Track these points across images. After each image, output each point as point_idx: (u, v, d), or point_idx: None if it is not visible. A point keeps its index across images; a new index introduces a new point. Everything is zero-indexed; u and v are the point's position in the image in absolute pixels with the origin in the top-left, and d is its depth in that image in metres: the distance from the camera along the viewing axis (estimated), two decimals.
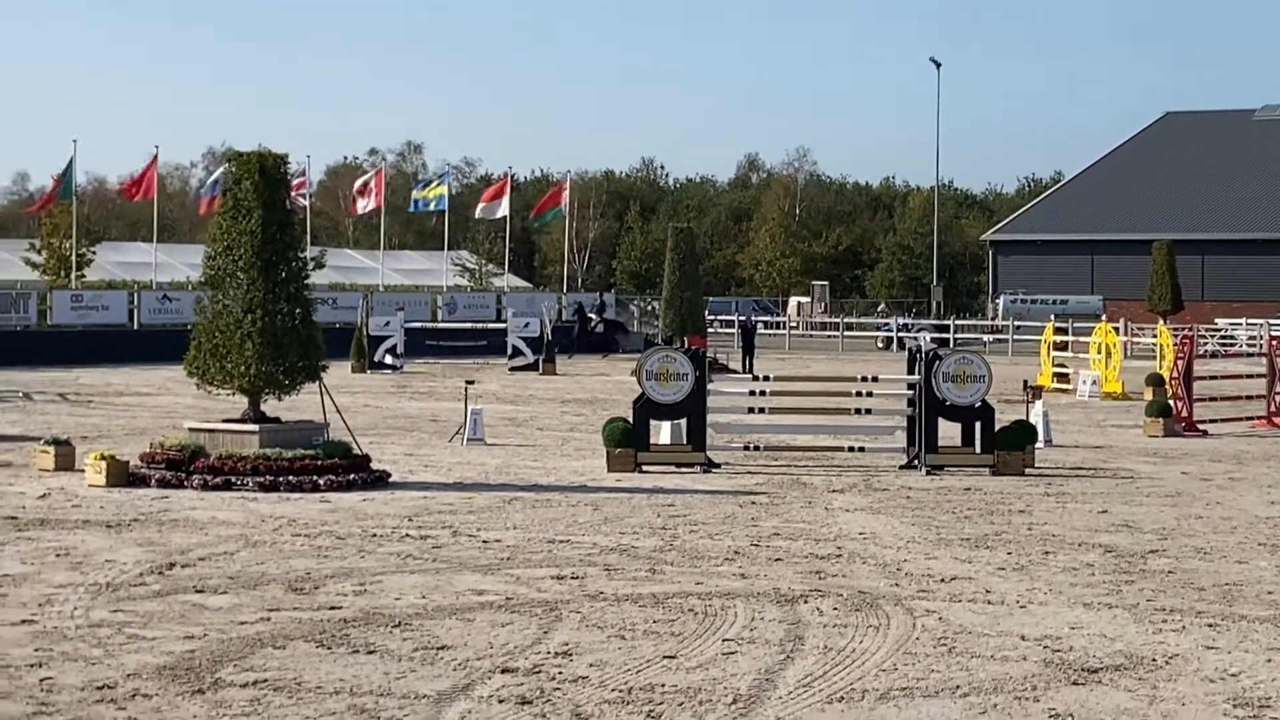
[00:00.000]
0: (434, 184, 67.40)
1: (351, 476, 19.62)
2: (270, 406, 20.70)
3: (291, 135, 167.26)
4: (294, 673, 10.32)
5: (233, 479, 19.21)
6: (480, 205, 66.78)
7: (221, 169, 58.37)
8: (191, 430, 20.56)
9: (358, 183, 65.18)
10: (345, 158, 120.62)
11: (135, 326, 51.98)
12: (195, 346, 20.44)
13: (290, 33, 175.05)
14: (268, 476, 19.23)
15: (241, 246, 20.12)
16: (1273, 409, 30.55)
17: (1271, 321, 65.79)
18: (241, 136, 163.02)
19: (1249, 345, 60.68)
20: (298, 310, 20.38)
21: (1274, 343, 32.62)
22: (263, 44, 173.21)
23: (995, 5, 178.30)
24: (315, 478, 19.35)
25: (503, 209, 64.78)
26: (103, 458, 19.54)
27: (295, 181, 46.01)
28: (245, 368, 20.01)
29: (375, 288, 64.25)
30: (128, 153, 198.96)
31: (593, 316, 59.12)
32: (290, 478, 19.27)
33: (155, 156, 56.69)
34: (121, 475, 19.44)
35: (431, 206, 66.69)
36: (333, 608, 12.35)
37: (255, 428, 20.11)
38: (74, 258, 58.87)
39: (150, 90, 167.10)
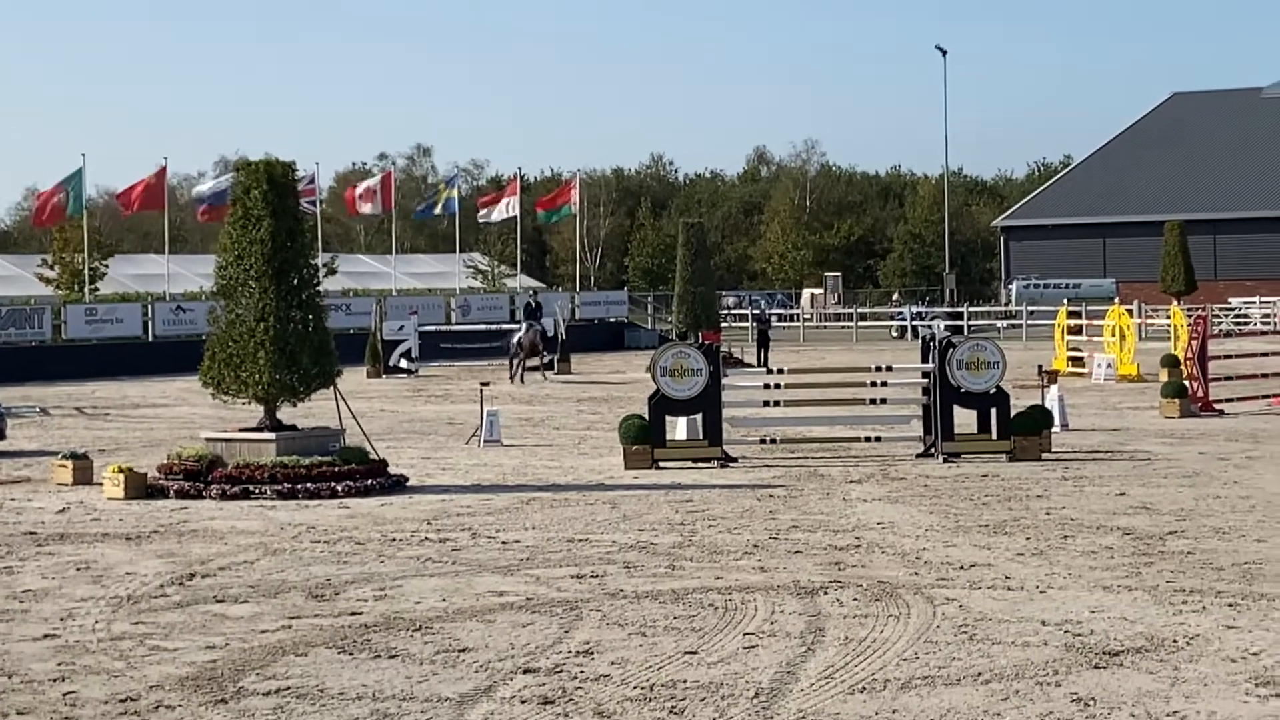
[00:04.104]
0: (441, 187, 67.35)
1: (369, 481, 19.64)
2: (286, 414, 20.73)
3: (301, 142, 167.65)
4: (316, 680, 10.34)
5: (251, 488, 19.25)
6: (481, 211, 66.71)
7: (213, 181, 58.48)
8: (208, 440, 20.59)
9: (361, 186, 65.10)
10: (354, 163, 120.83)
11: (150, 338, 52.04)
12: (209, 356, 20.47)
13: (298, 40, 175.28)
14: (285, 484, 19.26)
15: (252, 255, 20.15)
16: None
17: None
18: (252, 145, 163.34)
19: (1263, 323, 60.57)
20: (310, 317, 20.40)
21: None
22: (271, 52, 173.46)
23: None
24: (333, 484, 19.37)
25: (510, 210, 64.74)
26: (121, 470, 19.58)
27: (304, 188, 46.32)
28: (259, 376, 20.04)
29: (388, 292, 64.29)
30: (138, 165, 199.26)
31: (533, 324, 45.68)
32: (308, 485, 19.30)
33: (163, 168, 56.64)
34: (140, 487, 19.48)
35: (438, 210, 66.68)
36: (353, 613, 12.38)
37: (272, 436, 20.15)
38: (86, 271, 58.96)
39: (159, 101, 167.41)
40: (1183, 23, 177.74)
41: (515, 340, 43.42)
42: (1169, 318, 47.97)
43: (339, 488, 19.32)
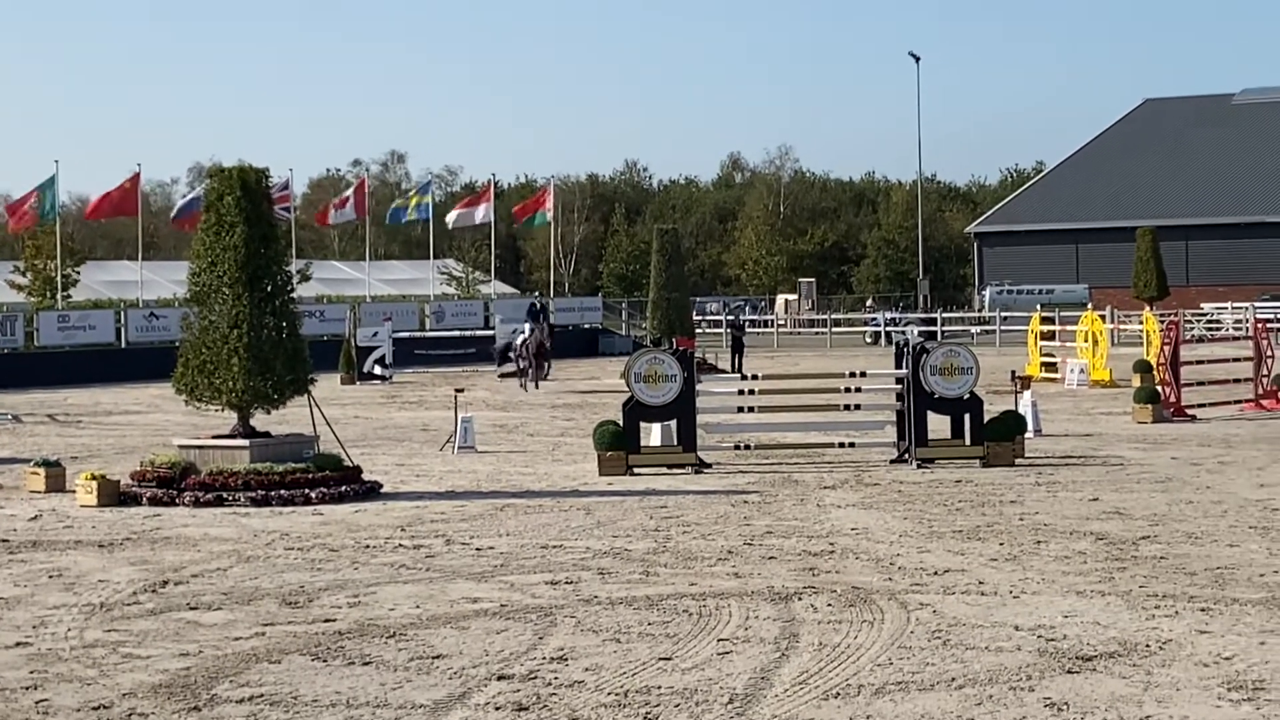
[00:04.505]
0: (414, 193, 67.22)
1: (343, 488, 19.62)
2: (260, 421, 20.70)
3: (275, 148, 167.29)
4: (290, 687, 10.32)
5: (224, 495, 19.20)
6: (454, 213, 66.50)
7: (187, 193, 58.24)
8: (181, 447, 20.55)
9: (336, 200, 65.04)
10: (329, 169, 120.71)
11: (123, 345, 51.89)
12: (183, 363, 20.43)
13: (273, 46, 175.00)
14: (259, 491, 19.22)
15: (225, 262, 20.11)
16: (1260, 392, 30.61)
17: (1256, 304, 65.99)
18: (226, 151, 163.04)
19: (1235, 329, 60.77)
20: (284, 324, 20.37)
21: (1259, 326, 32.70)
22: (246, 58, 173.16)
23: None
24: (307, 491, 19.34)
25: (484, 215, 64.66)
26: (93, 478, 19.52)
27: (278, 195, 46.19)
28: (233, 383, 20.00)
29: (362, 299, 64.19)
30: (111, 171, 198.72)
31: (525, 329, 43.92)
32: (282, 492, 19.26)
33: (136, 174, 56.48)
34: (113, 495, 19.42)
35: (411, 215, 66.58)
36: (327, 620, 12.36)
37: (245, 443, 20.11)
38: (59, 278, 58.78)
39: (133, 107, 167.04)
40: (1155, 30, 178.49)
41: (520, 343, 42.34)
42: (1141, 323, 48.13)
43: (313, 495, 19.29)
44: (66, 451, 25.29)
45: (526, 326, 43.04)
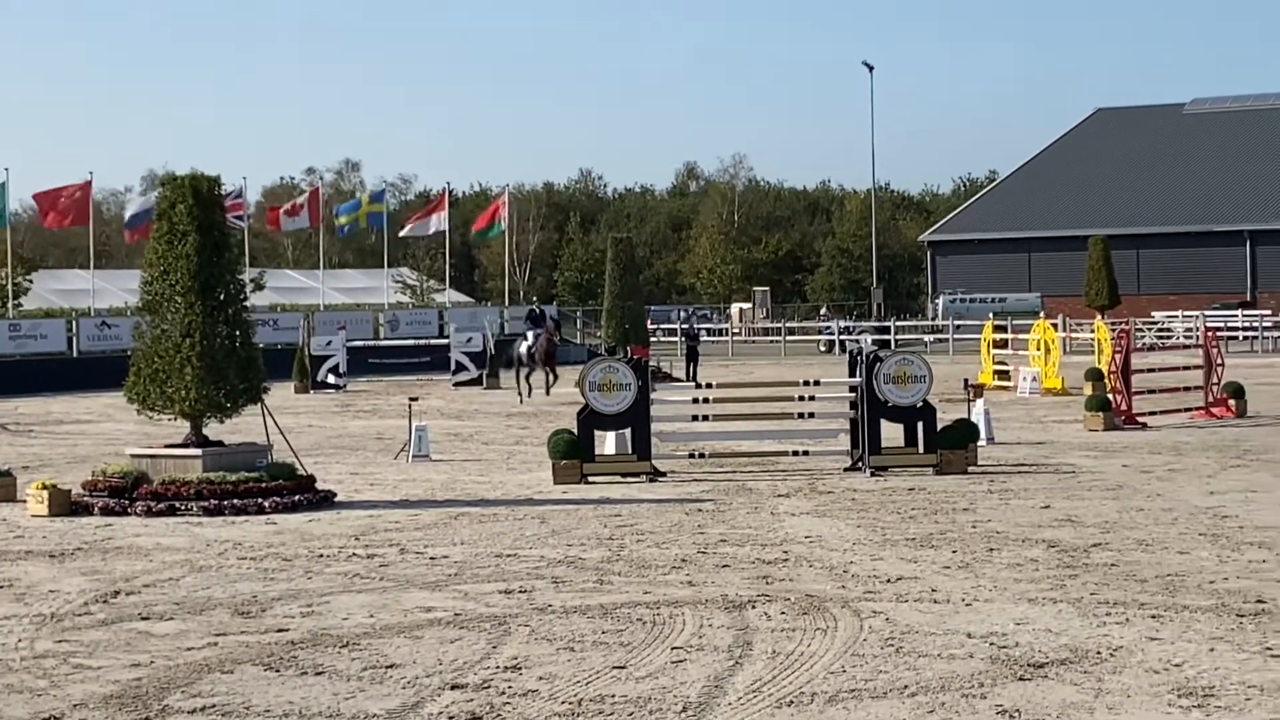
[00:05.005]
0: (365, 204, 67.04)
1: (297, 498, 19.56)
2: (213, 430, 20.62)
3: (228, 156, 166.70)
4: (242, 697, 10.29)
5: (177, 504, 19.12)
6: (411, 224, 66.29)
7: (138, 203, 57.94)
8: (134, 456, 20.45)
9: (286, 205, 64.79)
10: (282, 178, 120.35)
11: (74, 354, 51.60)
12: (135, 372, 20.34)
13: (226, 54, 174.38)
14: (212, 500, 19.15)
15: (178, 271, 20.04)
16: (1210, 400, 30.81)
17: (1207, 313, 66.41)
18: (179, 159, 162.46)
19: (1185, 337, 61.16)
20: (237, 332, 20.30)
21: (1210, 334, 32.91)
22: (199, 66, 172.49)
23: (927, 6, 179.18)
24: (260, 500, 19.27)
25: (437, 224, 64.55)
26: (44, 487, 19.41)
27: (231, 203, 46.01)
28: (185, 392, 19.92)
29: (316, 307, 63.98)
30: (63, 179, 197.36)
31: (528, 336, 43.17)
32: (235, 501, 19.20)
33: (88, 182, 56.19)
34: (64, 504, 19.32)
35: (364, 224, 66.37)
36: (280, 630, 12.32)
37: (198, 452, 20.03)
38: (10, 287, 58.44)
39: (85, 115, 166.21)
40: (1107, 39, 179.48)
41: (525, 350, 40.98)
42: (1093, 332, 48.39)
43: (266, 504, 19.23)
44: (18, 461, 25.13)
45: (530, 333, 41.75)
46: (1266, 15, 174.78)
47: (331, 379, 46.46)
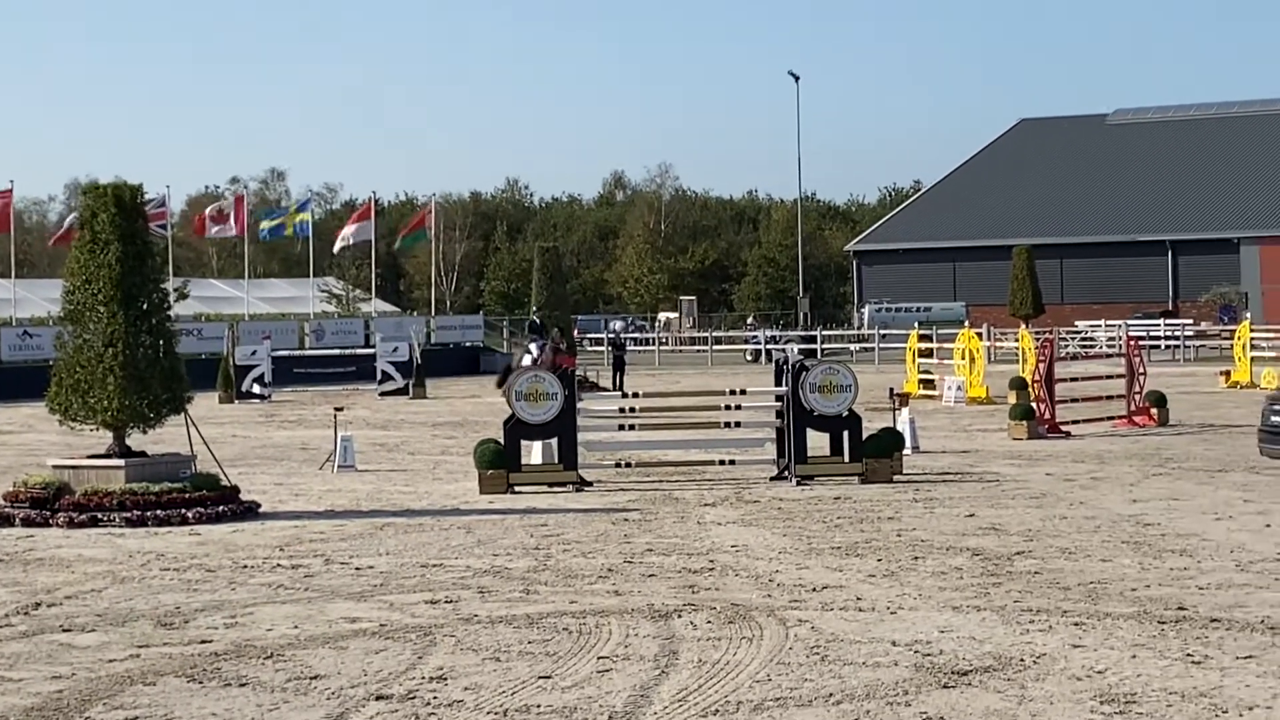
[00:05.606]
0: (293, 211, 66.68)
1: (220, 508, 19.44)
2: (136, 440, 20.46)
3: (152, 165, 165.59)
4: (165, 709, 10.21)
5: (99, 515, 18.97)
6: (340, 236, 65.88)
7: (64, 211, 57.43)
8: (55, 467, 20.27)
9: (210, 207, 64.37)
10: (207, 186, 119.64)
11: None
12: (57, 382, 20.16)
13: (150, 61, 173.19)
14: (135, 511, 19.00)
15: (100, 280, 19.88)
16: (1133, 409, 31.08)
17: (1130, 322, 67.00)
18: (102, 168, 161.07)
19: (1108, 346, 61.67)
20: (160, 342, 20.16)
21: (1132, 343, 33.21)
22: (122, 74, 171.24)
23: (851, 17, 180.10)
24: (183, 511, 19.14)
25: (363, 233, 64.28)
26: None
27: (154, 212, 45.69)
28: (108, 402, 19.76)
29: (241, 317, 63.65)
30: None
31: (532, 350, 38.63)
32: (158, 512, 19.06)
33: (9, 190, 55.68)
34: None
35: (289, 233, 66.01)
36: (203, 641, 12.24)
37: (121, 462, 19.87)
38: None
39: (5, 122, 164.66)
40: (1031, 51, 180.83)
41: (531, 362, 39.05)
42: (1017, 341, 48.73)
43: (189, 514, 19.10)
44: None
45: (534, 346, 40.08)
46: (1188, 28, 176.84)
47: (256, 389, 46.21)
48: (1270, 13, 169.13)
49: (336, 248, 65.62)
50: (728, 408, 24.03)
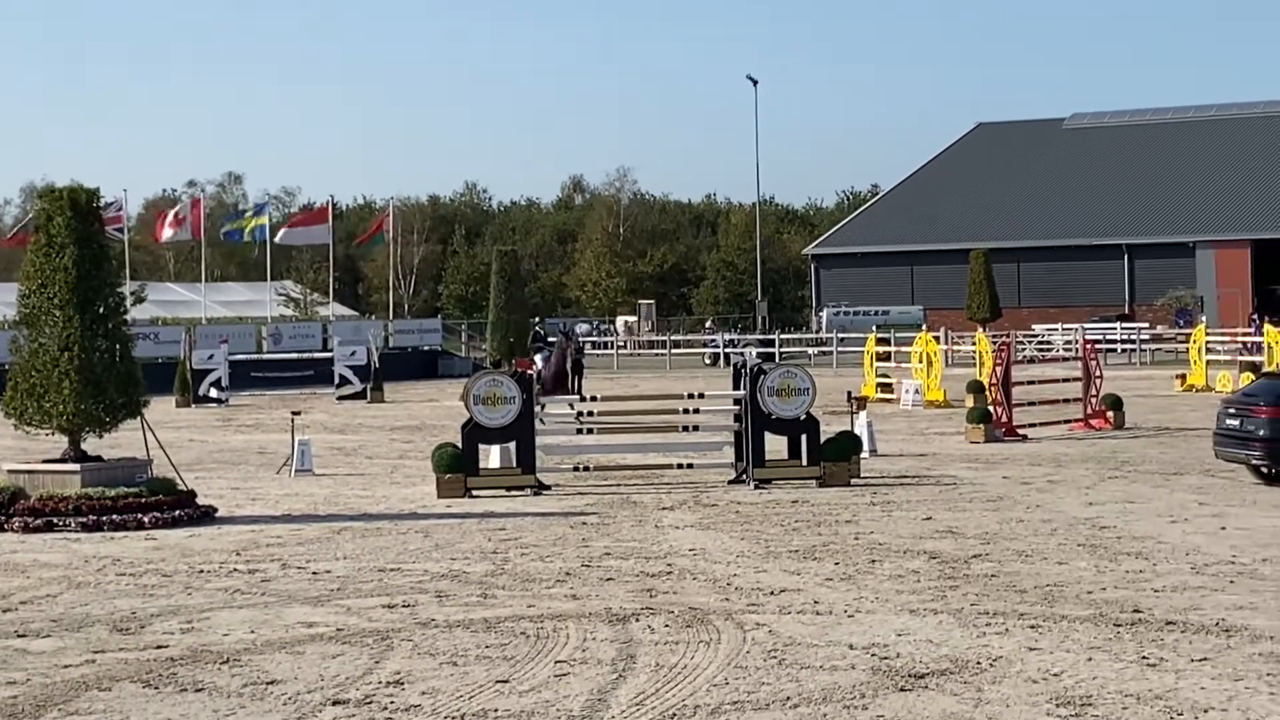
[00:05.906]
0: (250, 215, 66.39)
1: (177, 513, 19.37)
2: (92, 445, 20.37)
3: (109, 168, 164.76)
4: (120, 715, 10.17)
5: (54, 520, 18.88)
6: (286, 230, 65.19)
7: (19, 215, 57.15)
8: (10, 472, 20.17)
9: (170, 213, 64.09)
10: (164, 190, 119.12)
11: None
12: (12, 386, 20.06)
13: (106, 65, 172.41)
14: (90, 516, 18.92)
15: (56, 284, 19.79)
16: (1089, 412, 31.22)
17: (1086, 326, 67.28)
18: (58, 171, 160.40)
19: (1065, 350, 61.91)
20: (116, 346, 20.08)
21: (1088, 347, 33.34)
22: (79, 76, 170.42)
23: (810, 22, 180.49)
24: (140, 515, 19.06)
25: (320, 236, 64.04)
26: None
27: (110, 215, 45.51)
28: (64, 406, 19.67)
29: (198, 321, 63.38)
30: None
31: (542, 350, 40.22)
32: (114, 516, 18.98)
33: None
34: None
35: (247, 237, 65.71)
36: (159, 647, 12.19)
37: (76, 467, 19.78)
38: None
39: None
40: (988, 55, 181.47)
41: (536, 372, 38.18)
42: (974, 344, 48.88)
43: (146, 519, 19.02)
44: None
45: (539, 357, 39.16)
46: (1144, 33, 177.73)
47: (213, 393, 46.03)
48: (1225, 19, 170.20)
49: (278, 237, 65.08)
50: (686, 411, 24.06)
